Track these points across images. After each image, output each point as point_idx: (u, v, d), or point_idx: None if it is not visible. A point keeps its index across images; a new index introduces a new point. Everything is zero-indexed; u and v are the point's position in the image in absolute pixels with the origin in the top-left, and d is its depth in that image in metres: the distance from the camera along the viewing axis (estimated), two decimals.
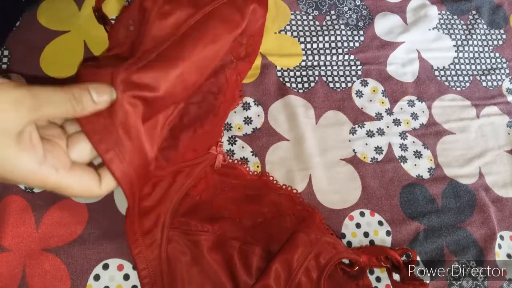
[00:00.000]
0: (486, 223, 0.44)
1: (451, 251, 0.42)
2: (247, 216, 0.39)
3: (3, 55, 0.43)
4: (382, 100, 0.49)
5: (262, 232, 0.39)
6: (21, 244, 0.36)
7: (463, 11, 0.56)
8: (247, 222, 0.39)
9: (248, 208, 0.40)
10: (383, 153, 0.46)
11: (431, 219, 0.43)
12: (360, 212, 0.42)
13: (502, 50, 0.56)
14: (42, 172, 0.23)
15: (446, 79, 0.52)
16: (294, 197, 0.41)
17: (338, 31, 0.51)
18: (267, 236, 0.39)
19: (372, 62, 0.51)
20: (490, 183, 0.47)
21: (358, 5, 0.54)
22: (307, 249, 0.36)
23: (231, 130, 0.44)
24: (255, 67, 0.47)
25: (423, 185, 0.45)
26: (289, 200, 0.41)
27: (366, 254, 0.38)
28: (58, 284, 0.35)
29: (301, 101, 0.46)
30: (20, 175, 0.23)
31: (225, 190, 0.40)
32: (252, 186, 0.41)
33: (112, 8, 0.47)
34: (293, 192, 0.42)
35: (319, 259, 0.36)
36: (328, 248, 0.36)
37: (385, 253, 0.38)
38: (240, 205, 0.40)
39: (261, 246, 0.38)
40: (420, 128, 0.48)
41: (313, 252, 0.36)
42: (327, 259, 0.36)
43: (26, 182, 0.24)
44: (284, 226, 0.39)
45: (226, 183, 0.41)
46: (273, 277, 0.35)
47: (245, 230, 0.39)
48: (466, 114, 0.50)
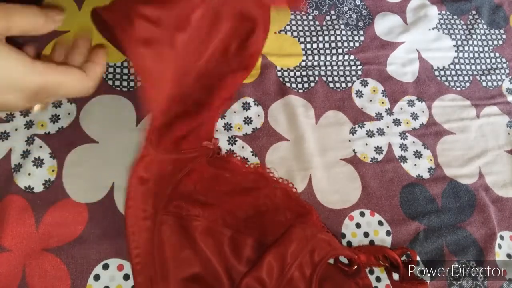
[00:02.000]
0: (486, 223, 0.44)
1: (451, 251, 0.42)
2: (241, 208, 0.39)
3: None
4: (382, 100, 0.49)
5: (256, 224, 0.39)
6: (21, 244, 0.35)
7: (463, 11, 0.56)
8: (240, 213, 0.39)
9: (243, 200, 0.40)
10: (383, 153, 0.46)
11: (431, 219, 0.43)
12: (360, 212, 0.42)
13: (502, 50, 0.56)
14: (37, 69, 0.24)
15: (446, 79, 0.52)
16: (290, 192, 0.41)
17: (338, 31, 0.51)
18: (261, 229, 0.38)
19: (372, 62, 0.51)
20: (490, 183, 0.47)
21: (358, 5, 0.54)
22: (302, 244, 0.36)
23: (231, 130, 0.44)
24: (255, 67, 0.47)
25: (423, 185, 0.45)
26: (284, 195, 0.41)
27: (364, 253, 0.38)
28: (58, 284, 0.35)
29: (301, 101, 0.46)
30: (16, 78, 0.24)
31: (221, 183, 0.40)
32: (247, 178, 0.41)
33: None
34: (289, 187, 0.42)
35: (313, 255, 0.36)
36: (323, 245, 0.36)
37: (383, 252, 0.38)
38: (234, 197, 0.40)
39: (254, 238, 0.38)
40: (420, 128, 0.48)
41: (308, 247, 0.36)
42: (321, 256, 0.36)
43: (22, 88, 0.24)
44: (279, 220, 0.39)
45: (222, 176, 0.41)
46: (265, 270, 0.35)
47: (238, 220, 0.38)
48: (466, 114, 0.50)
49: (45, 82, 0.25)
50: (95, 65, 0.29)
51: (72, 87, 0.26)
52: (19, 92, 0.24)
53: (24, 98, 0.25)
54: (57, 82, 0.25)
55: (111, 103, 0.42)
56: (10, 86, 0.24)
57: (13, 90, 0.24)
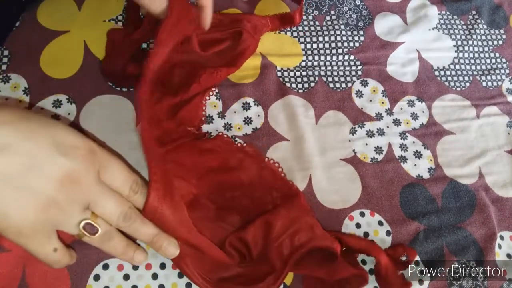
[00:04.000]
0: (486, 223, 0.44)
1: (451, 251, 0.42)
2: (226, 185, 0.39)
3: (3, 55, 0.43)
4: (382, 100, 0.49)
5: (241, 202, 0.39)
6: None
7: (463, 11, 0.56)
8: (226, 191, 0.39)
9: (228, 178, 0.40)
10: (383, 153, 0.46)
11: (431, 219, 0.43)
12: (360, 212, 0.42)
13: (502, 50, 0.56)
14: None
15: (446, 79, 0.52)
16: (277, 172, 0.41)
17: (338, 31, 0.51)
18: (246, 207, 0.38)
19: (372, 62, 0.51)
20: (490, 183, 0.47)
21: (358, 5, 0.54)
22: (286, 225, 0.36)
23: (231, 130, 0.44)
24: (255, 67, 0.47)
25: (423, 185, 0.45)
26: (271, 175, 0.41)
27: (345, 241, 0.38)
28: (58, 284, 0.35)
29: (301, 101, 0.46)
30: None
31: (207, 159, 0.40)
32: (234, 157, 0.41)
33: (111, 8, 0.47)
34: (275, 167, 0.42)
35: (294, 238, 0.36)
36: (305, 230, 0.36)
37: (366, 247, 0.38)
38: (220, 174, 0.40)
39: (239, 215, 0.38)
40: (420, 128, 0.48)
41: (291, 230, 0.36)
42: (301, 242, 0.36)
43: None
44: (265, 200, 0.39)
45: (208, 153, 0.40)
46: (251, 236, 0.35)
47: (223, 198, 0.38)
48: (466, 114, 0.50)
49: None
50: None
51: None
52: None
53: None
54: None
55: (111, 103, 0.42)
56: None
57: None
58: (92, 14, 0.47)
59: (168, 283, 0.36)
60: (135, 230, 0.31)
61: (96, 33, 0.45)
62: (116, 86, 0.43)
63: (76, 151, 0.27)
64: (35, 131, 0.26)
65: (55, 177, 0.26)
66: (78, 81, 0.43)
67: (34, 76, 0.42)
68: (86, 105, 0.42)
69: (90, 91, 0.43)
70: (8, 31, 0.44)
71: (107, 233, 0.30)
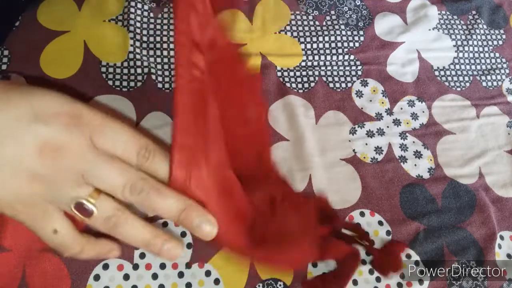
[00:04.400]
0: (486, 223, 0.44)
1: (451, 251, 0.42)
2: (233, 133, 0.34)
3: (3, 55, 0.43)
4: (382, 100, 0.49)
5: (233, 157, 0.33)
6: (21, 244, 0.35)
7: (463, 11, 0.56)
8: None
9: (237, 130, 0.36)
10: (383, 153, 0.46)
11: (431, 219, 0.43)
12: (360, 212, 0.42)
13: (502, 50, 0.56)
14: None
15: (446, 79, 0.52)
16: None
17: (338, 31, 0.51)
18: (237, 162, 0.33)
19: (372, 62, 0.51)
20: (490, 183, 0.47)
21: (358, 5, 0.54)
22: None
23: None
24: (255, 67, 0.47)
25: (423, 185, 0.45)
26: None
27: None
28: (58, 284, 0.35)
29: (301, 101, 0.46)
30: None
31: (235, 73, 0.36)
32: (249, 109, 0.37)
33: (111, 9, 0.47)
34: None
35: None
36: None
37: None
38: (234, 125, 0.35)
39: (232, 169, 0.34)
40: (420, 128, 0.48)
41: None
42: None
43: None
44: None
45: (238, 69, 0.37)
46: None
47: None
48: (466, 114, 0.50)
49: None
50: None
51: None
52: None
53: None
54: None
55: (111, 103, 0.42)
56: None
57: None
58: (92, 14, 0.47)
59: (168, 283, 0.36)
60: (152, 204, 0.25)
61: (96, 33, 0.45)
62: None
63: (58, 118, 0.24)
64: (12, 102, 0.24)
65: (32, 147, 0.23)
66: (78, 81, 0.43)
67: (34, 76, 0.42)
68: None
69: (90, 91, 0.43)
70: (8, 31, 0.44)
71: (114, 216, 0.25)
